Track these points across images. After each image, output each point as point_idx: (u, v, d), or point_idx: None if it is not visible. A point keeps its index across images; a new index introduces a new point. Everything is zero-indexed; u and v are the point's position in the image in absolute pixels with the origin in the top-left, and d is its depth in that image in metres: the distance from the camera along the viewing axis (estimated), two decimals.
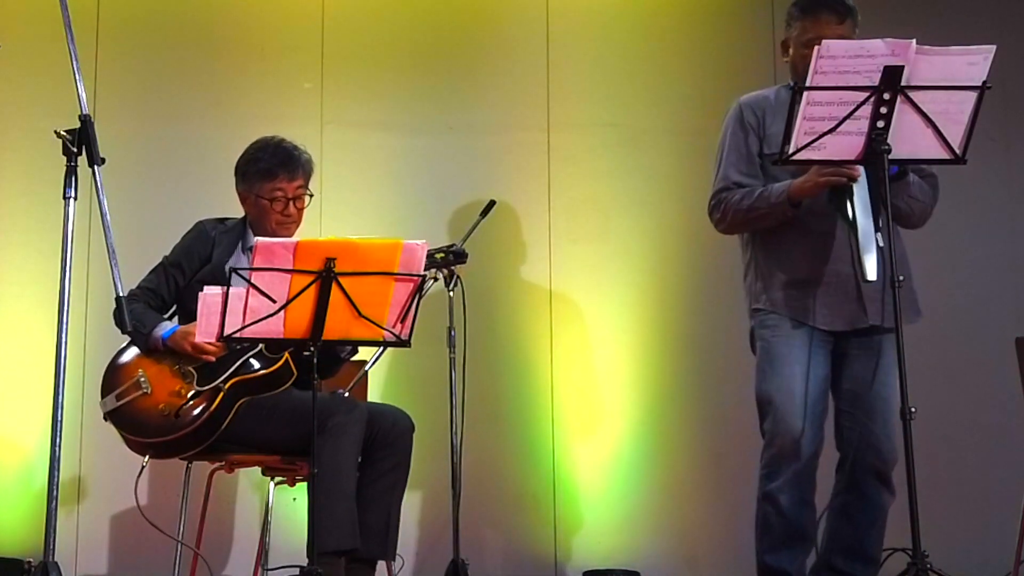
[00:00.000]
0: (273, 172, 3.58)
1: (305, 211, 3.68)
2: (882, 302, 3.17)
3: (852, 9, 3.34)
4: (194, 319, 3.30)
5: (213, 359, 3.42)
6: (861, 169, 3.12)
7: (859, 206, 3.13)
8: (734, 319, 3.82)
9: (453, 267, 3.68)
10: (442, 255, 3.65)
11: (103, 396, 3.46)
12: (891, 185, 3.18)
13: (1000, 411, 4.64)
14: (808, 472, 3.29)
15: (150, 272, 3.64)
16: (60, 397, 2.53)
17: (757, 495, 3.33)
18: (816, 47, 2.91)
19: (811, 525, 3.32)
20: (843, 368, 3.35)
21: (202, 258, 3.61)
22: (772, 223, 3.33)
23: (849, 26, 3.31)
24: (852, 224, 3.13)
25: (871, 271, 3.08)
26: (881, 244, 3.11)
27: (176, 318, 3.64)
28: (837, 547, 3.33)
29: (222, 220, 3.73)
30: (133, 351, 3.52)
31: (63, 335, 2.53)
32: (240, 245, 3.65)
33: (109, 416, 3.44)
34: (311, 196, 3.66)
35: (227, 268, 3.21)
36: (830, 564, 3.33)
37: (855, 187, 3.13)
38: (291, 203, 3.60)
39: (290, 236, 3.58)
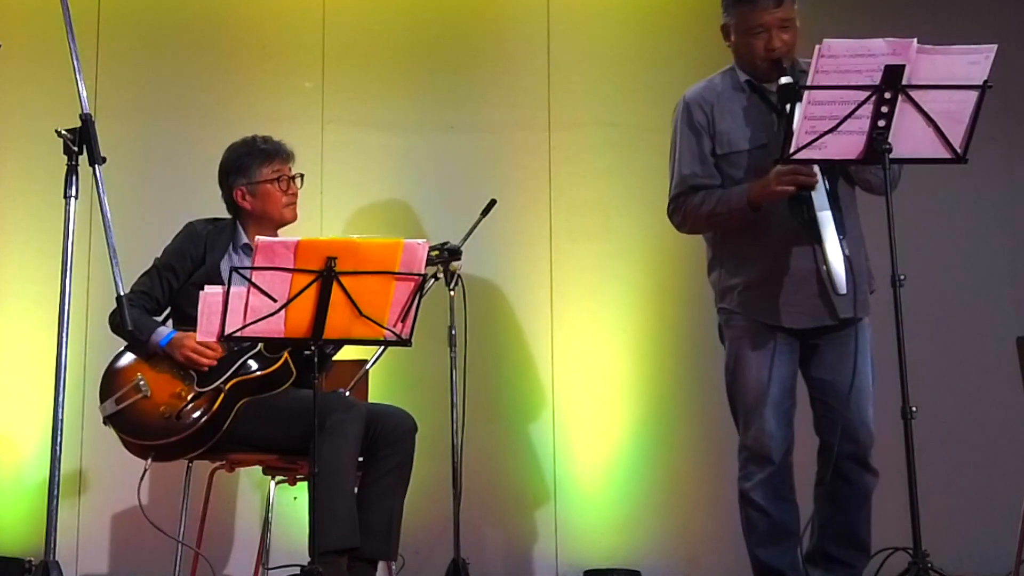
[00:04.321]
0: (271, 154, 3.68)
1: (306, 210, 3.73)
2: (853, 295, 3.15)
3: None
4: (189, 321, 3.31)
5: (206, 369, 3.42)
6: (819, 175, 3.11)
7: (820, 215, 3.10)
8: None
9: (448, 264, 3.70)
10: (436, 252, 3.67)
11: (102, 401, 3.45)
12: (857, 167, 3.21)
13: (1000, 411, 4.64)
14: (782, 471, 3.33)
15: (142, 275, 3.63)
16: (61, 396, 2.53)
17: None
18: (817, 46, 2.91)
19: (792, 520, 3.35)
20: (813, 356, 3.37)
21: (194, 259, 3.61)
22: (734, 226, 3.34)
23: (789, 6, 3.29)
24: (816, 237, 3.11)
25: (840, 285, 3.08)
26: (847, 252, 3.10)
27: (170, 321, 3.64)
28: (829, 534, 3.35)
29: (213, 220, 3.73)
30: (131, 355, 3.52)
31: (64, 334, 2.53)
32: (231, 245, 3.65)
33: (109, 420, 3.43)
34: (302, 177, 3.73)
35: (228, 268, 3.22)
36: (824, 552, 3.36)
37: (814, 195, 3.12)
38: (291, 182, 3.69)
39: (294, 218, 3.70)
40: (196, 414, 3.38)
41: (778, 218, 3.24)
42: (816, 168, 3.11)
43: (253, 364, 3.47)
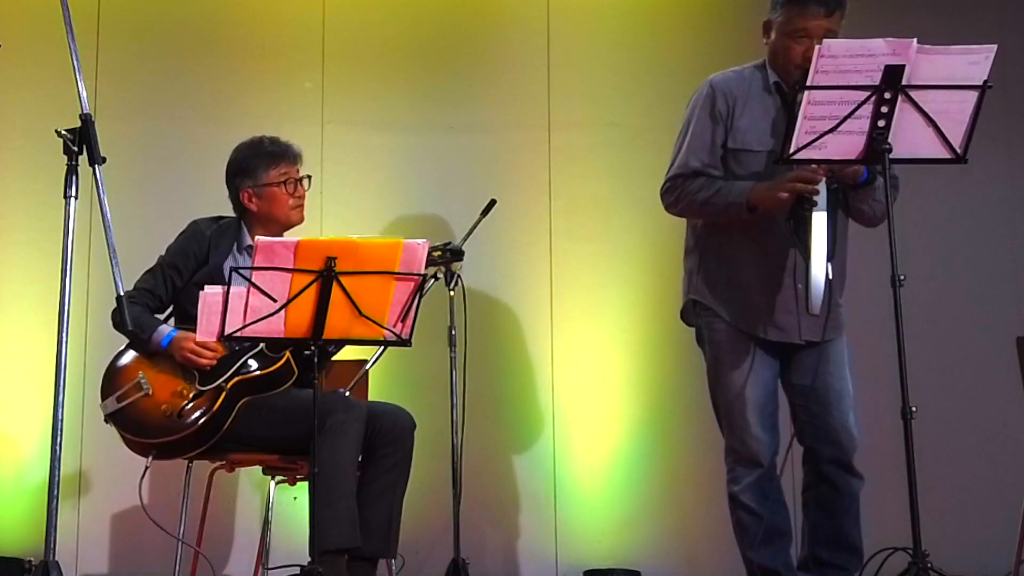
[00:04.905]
0: (278, 156, 3.67)
1: (306, 210, 3.73)
2: (824, 320, 3.17)
3: (842, 2, 3.27)
4: (190, 320, 3.30)
5: (207, 368, 3.43)
6: (822, 191, 3.10)
7: (816, 235, 3.10)
8: None
9: (451, 264, 3.70)
10: (439, 252, 3.67)
11: (103, 398, 3.45)
12: (859, 192, 3.24)
13: (1000, 411, 4.64)
14: (769, 473, 3.34)
15: (146, 273, 3.63)
16: (60, 396, 2.53)
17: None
18: (817, 46, 2.91)
19: (784, 520, 3.36)
20: (791, 363, 3.38)
21: (198, 258, 3.61)
22: (725, 220, 3.34)
23: (837, 18, 3.25)
24: (806, 254, 3.11)
25: (815, 306, 3.09)
26: (831, 276, 3.10)
27: (172, 319, 3.64)
28: (819, 539, 3.36)
29: (217, 219, 3.73)
30: (132, 353, 3.52)
31: (64, 334, 2.53)
32: (236, 246, 3.65)
33: (110, 418, 3.44)
34: (310, 179, 3.72)
35: (227, 268, 3.22)
36: (816, 557, 3.36)
37: (814, 215, 3.11)
38: (298, 184, 3.68)
39: (301, 220, 3.70)
40: (197, 413, 3.38)
41: (771, 227, 3.25)
42: (822, 186, 3.11)
43: (255, 363, 3.47)
